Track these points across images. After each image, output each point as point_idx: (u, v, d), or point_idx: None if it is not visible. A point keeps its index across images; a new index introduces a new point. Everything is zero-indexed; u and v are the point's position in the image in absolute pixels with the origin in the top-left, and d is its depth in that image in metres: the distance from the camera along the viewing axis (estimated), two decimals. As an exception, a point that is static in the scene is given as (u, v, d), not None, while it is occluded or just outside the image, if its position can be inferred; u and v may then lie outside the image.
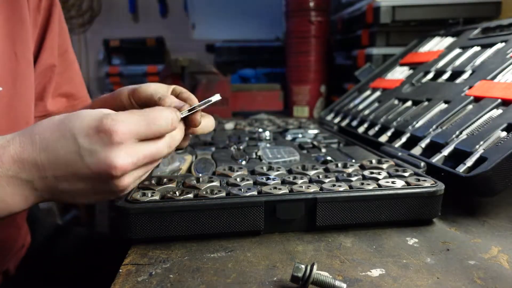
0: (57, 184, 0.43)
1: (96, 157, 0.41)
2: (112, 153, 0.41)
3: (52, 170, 0.42)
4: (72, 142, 0.42)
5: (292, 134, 0.95)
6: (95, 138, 0.41)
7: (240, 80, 1.95)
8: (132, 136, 0.42)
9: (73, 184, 0.43)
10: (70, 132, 0.42)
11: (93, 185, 0.43)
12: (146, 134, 0.43)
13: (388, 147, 0.75)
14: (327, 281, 0.38)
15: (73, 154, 0.42)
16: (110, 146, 0.41)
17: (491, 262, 0.44)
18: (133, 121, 0.43)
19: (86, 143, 0.42)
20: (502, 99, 0.66)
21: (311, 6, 1.45)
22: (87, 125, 0.42)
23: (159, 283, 0.40)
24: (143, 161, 0.44)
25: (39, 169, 0.42)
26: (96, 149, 0.41)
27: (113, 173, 0.42)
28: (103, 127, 0.41)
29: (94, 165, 0.41)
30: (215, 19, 2.58)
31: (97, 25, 2.54)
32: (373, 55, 1.26)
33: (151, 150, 0.44)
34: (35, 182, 0.43)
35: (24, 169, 0.42)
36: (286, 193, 0.51)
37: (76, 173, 0.42)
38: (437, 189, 0.52)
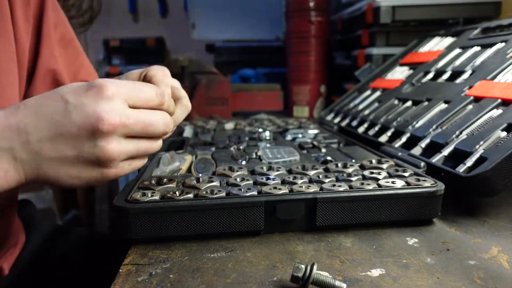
0: (41, 150, 0.41)
1: (84, 111, 0.40)
2: (100, 106, 0.40)
3: (37, 133, 0.40)
4: (59, 100, 0.41)
5: (292, 134, 0.95)
6: (84, 94, 0.41)
7: (240, 80, 1.95)
8: (120, 95, 0.41)
9: (58, 148, 0.41)
10: (58, 94, 0.41)
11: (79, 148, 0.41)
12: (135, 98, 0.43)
13: (388, 147, 0.75)
14: (327, 281, 0.38)
15: (59, 111, 0.40)
16: (100, 100, 0.40)
17: (491, 262, 0.44)
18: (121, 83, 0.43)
19: (74, 98, 0.40)
20: (502, 99, 0.66)
21: (311, 6, 1.45)
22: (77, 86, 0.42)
23: (159, 283, 0.40)
24: (135, 125, 0.42)
25: (21, 133, 0.40)
26: (84, 103, 0.40)
27: (100, 126, 0.40)
28: (94, 83, 0.41)
29: (80, 119, 0.40)
30: (215, 19, 2.58)
31: (97, 25, 2.54)
32: (373, 55, 1.26)
33: (144, 117, 0.43)
34: (16, 149, 0.40)
35: (3, 136, 0.40)
36: (286, 193, 0.51)
37: (62, 132, 0.40)
38: (437, 189, 0.52)
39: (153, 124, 0.44)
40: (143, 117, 0.43)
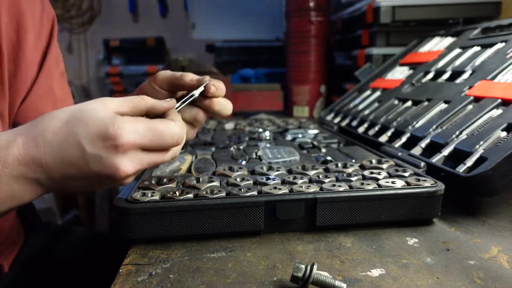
0: (64, 182, 0.45)
1: (101, 163, 0.43)
2: (117, 160, 0.43)
3: (58, 171, 0.44)
4: (76, 147, 0.43)
5: (292, 134, 0.95)
6: (101, 145, 0.43)
7: (240, 80, 1.95)
8: (136, 147, 0.44)
9: (79, 181, 0.45)
10: (74, 139, 0.44)
11: (98, 183, 0.46)
12: (150, 146, 0.46)
13: (388, 147, 0.75)
14: (327, 281, 0.38)
15: (78, 158, 0.43)
16: (115, 154, 0.43)
17: (491, 262, 0.44)
18: (138, 131, 0.44)
19: (91, 149, 0.43)
20: (502, 99, 0.66)
21: (311, 6, 1.45)
22: (92, 132, 0.43)
23: (159, 283, 0.40)
24: (146, 166, 0.47)
25: (44, 169, 0.44)
26: (101, 156, 0.43)
27: (117, 177, 0.44)
28: (109, 135, 0.43)
29: (99, 170, 0.44)
30: (215, 19, 2.58)
31: (97, 25, 2.55)
32: (373, 55, 1.26)
33: (155, 160, 0.47)
34: (42, 180, 0.45)
35: (30, 169, 0.44)
36: (286, 193, 0.51)
37: (82, 174, 0.44)
38: (437, 189, 0.52)
39: (163, 161, 0.48)
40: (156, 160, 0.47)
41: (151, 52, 2.33)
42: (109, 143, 0.43)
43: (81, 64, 2.66)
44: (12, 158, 0.43)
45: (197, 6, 2.59)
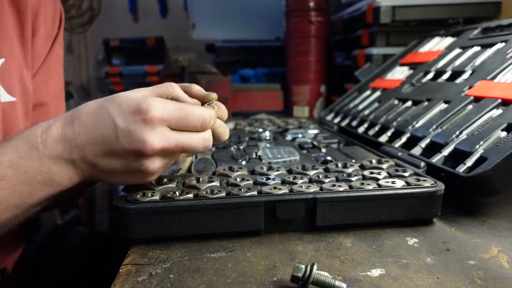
0: (96, 163, 0.48)
1: (131, 137, 0.45)
2: (146, 134, 0.45)
3: (91, 150, 0.47)
4: (109, 124, 0.46)
5: (292, 134, 0.95)
6: (131, 119, 0.45)
7: (240, 80, 1.95)
8: (164, 122, 0.46)
9: (110, 163, 0.47)
10: (108, 117, 0.46)
11: (127, 164, 0.47)
12: (177, 123, 0.47)
13: (388, 147, 0.75)
14: (327, 281, 0.38)
15: (110, 134, 0.46)
16: (145, 127, 0.45)
17: (491, 262, 0.44)
18: (167, 109, 0.46)
19: (123, 124, 0.46)
20: (502, 99, 0.66)
21: (311, 6, 1.45)
22: (125, 109, 0.46)
23: (159, 283, 0.40)
24: (175, 148, 0.47)
25: (79, 148, 0.47)
26: (131, 129, 0.45)
27: (145, 151, 0.45)
28: (140, 109, 0.45)
29: (128, 144, 0.46)
30: (215, 19, 2.57)
31: (97, 25, 2.55)
32: (373, 55, 1.26)
33: (184, 140, 0.48)
34: (76, 161, 0.48)
35: (66, 149, 0.47)
36: (286, 193, 0.51)
37: (112, 152, 0.47)
38: (437, 189, 0.52)
39: (193, 146, 0.49)
40: (184, 140, 0.48)
41: (151, 52, 2.33)
42: (139, 117, 0.45)
43: (81, 64, 2.66)
44: (51, 139, 0.47)
45: (197, 6, 2.59)
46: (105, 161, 0.48)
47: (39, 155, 0.47)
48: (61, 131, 0.48)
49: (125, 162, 0.47)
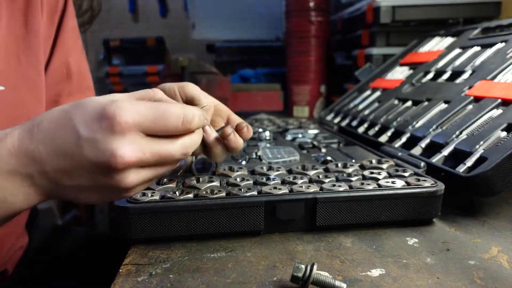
0: (58, 179, 0.40)
1: (96, 147, 0.38)
2: (113, 143, 0.38)
3: (52, 164, 0.39)
4: (71, 132, 0.39)
5: (292, 134, 0.95)
6: (96, 126, 0.38)
7: (240, 80, 1.95)
8: (136, 127, 0.38)
9: (74, 178, 0.40)
10: (70, 122, 0.39)
11: (95, 179, 0.40)
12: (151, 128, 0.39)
13: (388, 147, 0.75)
14: (327, 281, 0.38)
15: (72, 144, 0.39)
16: (112, 135, 0.38)
17: (491, 262, 0.44)
18: (139, 111, 0.39)
19: (86, 132, 0.38)
20: (502, 99, 0.66)
21: (311, 6, 1.45)
22: (89, 113, 0.39)
23: (159, 283, 0.40)
24: (151, 158, 0.40)
25: (38, 162, 0.39)
26: (96, 138, 0.38)
27: (113, 165, 0.38)
28: (106, 114, 0.38)
29: (93, 156, 0.38)
30: (215, 19, 2.57)
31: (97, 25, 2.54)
32: (373, 55, 1.25)
33: (161, 149, 0.40)
34: (35, 177, 0.40)
35: (22, 163, 0.39)
36: (286, 193, 0.51)
37: (76, 166, 0.39)
38: (437, 189, 0.52)
39: (172, 155, 0.41)
40: (160, 148, 0.40)
41: (151, 52, 2.33)
42: (105, 124, 0.37)
43: (81, 64, 2.66)
44: (5, 150, 0.39)
45: (197, 6, 2.59)
46: (69, 177, 0.40)
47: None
48: (17, 142, 0.40)
49: (91, 177, 0.40)
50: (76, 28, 0.76)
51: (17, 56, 0.63)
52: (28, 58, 0.64)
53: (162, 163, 0.42)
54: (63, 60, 0.72)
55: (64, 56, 0.72)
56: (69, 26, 0.73)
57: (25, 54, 0.63)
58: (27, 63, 0.64)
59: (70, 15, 0.73)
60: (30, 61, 0.65)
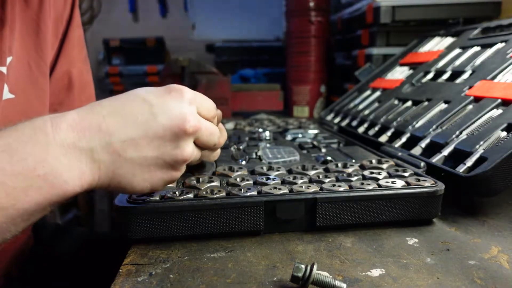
0: (123, 151, 0.40)
1: (171, 112, 0.42)
2: (185, 109, 0.42)
3: (120, 134, 0.40)
4: (142, 103, 0.42)
5: (292, 134, 0.95)
6: (168, 96, 0.43)
7: (240, 80, 1.95)
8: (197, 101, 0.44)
9: (141, 148, 0.41)
10: (137, 96, 0.42)
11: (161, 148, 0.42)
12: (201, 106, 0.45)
13: (388, 147, 0.75)
14: (327, 281, 0.38)
15: (145, 113, 0.41)
16: (183, 103, 0.43)
17: (491, 262, 0.44)
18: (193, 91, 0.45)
19: (159, 100, 0.42)
20: (502, 99, 0.66)
21: (311, 6, 1.45)
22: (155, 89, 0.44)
23: (159, 283, 0.40)
24: (204, 131, 0.45)
25: (103, 134, 0.40)
26: (170, 105, 0.42)
27: (187, 127, 0.42)
28: (174, 87, 0.44)
29: (168, 121, 0.41)
30: (215, 19, 2.58)
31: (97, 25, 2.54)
32: (373, 55, 1.26)
33: (210, 126, 0.46)
34: (96, 150, 0.39)
35: (84, 136, 0.39)
36: (286, 193, 0.51)
37: (147, 134, 0.41)
38: (437, 189, 0.52)
39: (214, 134, 0.47)
40: (209, 125, 0.46)
41: (151, 52, 2.33)
42: (175, 93, 0.43)
43: (81, 64, 2.66)
44: (65, 124, 0.39)
45: (197, 6, 2.59)
46: (135, 147, 0.41)
47: (46, 140, 0.37)
48: (78, 117, 0.40)
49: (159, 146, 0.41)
50: (82, 38, 0.77)
51: (28, 64, 0.63)
52: (39, 65, 0.65)
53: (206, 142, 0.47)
54: (65, 70, 0.73)
55: (67, 66, 0.72)
56: (75, 37, 0.73)
57: (35, 62, 0.64)
58: (38, 71, 0.65)
59: (76, 25, 0.74)
60: (40, 69, 0.65)
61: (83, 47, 0.78)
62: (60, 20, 0.70)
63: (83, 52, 0.77)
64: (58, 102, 0.73)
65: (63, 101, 0.74)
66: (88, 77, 0.80)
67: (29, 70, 0.63)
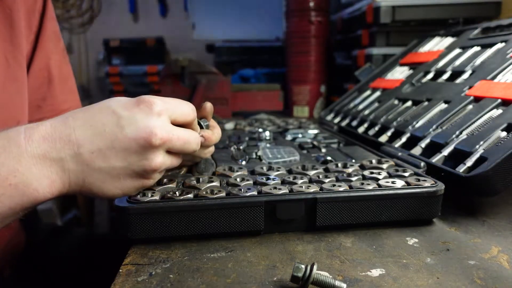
0: (92, 161, 0.42)
1: (137, 125, 0.42)
2: (152, 122, 0.43)
3: (88, 145, 0.42)
4: (111, 114, 0.43)
5: (292, 134, 0.95)
6: (135, 109, 0.43)
7: (240, 80, 1.95)
8: (166, 112, 0.44)
9: (109, 159, 0.43)
10: (108, 108, 0.43)
11: (128, 159, 0.43)
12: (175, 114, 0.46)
13: (388, 147, 0.75)
14: (327, 281, 0.38)
15: (112, 125, 0.42)
16: (151, 115, 0.43)
17: (491, 262, 0.44)
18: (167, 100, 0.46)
19: (126, 113, 0.43)
20: (502, 99, 0.66)
21: (311, 6, 1.45)
22: (125, 100, 0.44)
23: (159, 283, 0.40)
24: (177, 142, 0.45)
25: (72, 144, 0.42)
26: (137, 118, 0.42)
27: (153, 140, 0.42)
28: (143, 99, 0.44)
29: (133, 133, 0.42)
30: (215, 19, 2.58)
31: (97, 25, 2.54)
32: (373, 55, 1.26)
33: (184, 135, 0.46)
34: (66, 160, 0.42)
35: (55, 147, 0.41)
36: (286, 193, 0.51)
37: (114, 145, 0.42)
38: (437, 189, 0.52)
39: (190, 142, 0.47)
40: (183, 134, 0.46)
41: (151, 52, 2.33)
42: (143, 106, 0.43)
43: (81, 64, 2.66)
44: (37, 135, 0.41)
45: (197, 6, 2.59)
46: (103, 157, 0.42)
47: (18, 151, 0.40)
48: (50, 128, 0.42)
49: (125, 157, 0.43)
50: (57, 31, 0.76)
51: (5, 56, 0.63)
52: (16, 58, 0.64)
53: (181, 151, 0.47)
54: (44, 64, 0.72)
55: (44, 59, 0.72)
56: (49, 30, 0.72)
57: (12, 55, 0.64)
58: (15, 64, 0.64)
59: (50, 18, 0.73)
60: (18, 62, 0.64)
61: (59, 39, 0.77)
62: (32, 12, 0.69)
63: (59, 44, 0.76)
64: (40, 98, 0.72)
65: (45, 96, 0.73)
66: (67, 70, 0.79)
67: (6, 64, 0.62)
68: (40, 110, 0.73)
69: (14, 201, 0.40)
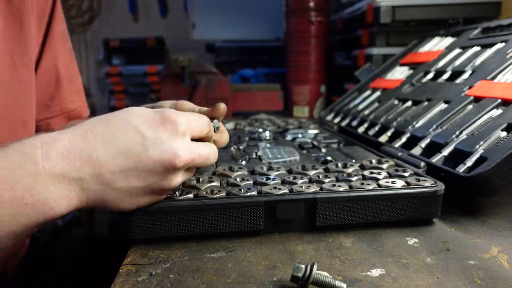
0: (112, 181, 0.41)
1: (162, 147, 0.41)
2: (177, 143, 0.42)
3: (110, 165, 0.40)
4: (134, 134, 0.41)
5: (292, 134, 0.95)
6: (160, 128, 0.42)
7: (240, 80, 1.95)
8: (190, 130, 0.44)
9: (130, 179, 0.41)
10: (129, 124, 0.42)
11: (150, 179, 0.42)
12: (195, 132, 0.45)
13: (388, 147, 0.75)
14: (327, 281, 0.38)
15: (136, 146, 0.41)
16: (175, 136, 0.42)
17: (491, 262, 0.44)
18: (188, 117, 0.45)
19: (151, 133, 0.41)
20: (502, 99, 0.66)
21: (311, 6, 1.45)
22: (149, 117, 0.42)
23: (159, 283, 0.40)
24: (197, 160, 0.45)
25: (93, 165, 0.40)
26: (162, 139, 0.41)
27: (177, 163, 0.42)
28: (168, 118, 0.42)
29: (158, 155, 0.41)
30: (215, 19, 2.58)
31: (97, 25, 2.54)
32: (373, 55, 1.26)
33: (205, 151, 0.46)
34: (86, 180, 0.40)
35: (74, 165, 0.39)
36: (286, 193, 0.51)
37: (137, 166, 0.41)
38: (437, 189, 0.52)
39: (209, 158, 0.47)
40: (204, 151, 0.46)
41: (151, 52, 2.33)
42: (169, 126, 0.42)
43: (81, 64, 2.66)
44: (55, 152, 0.39)
45: (197, 6, 2.59)
46: (125, 178, 0.41)
47: (35, 169, 0.38)
48: (69, 145, 0.39)
49: (147, 177, 0.42)
50: (65, 32, 0.77)
51: (12, 58, 0.63)
52: (23, 60, 0.65)
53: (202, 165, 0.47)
54: (51, 64, 0.73)
55: (52, 59, 0.72)
56: (58, 30, 0.73)
57: (20, 56, 0.64)
58: (22, 65, 0.64)
59: (59, 19, 0.73)
60: (24, 63, 0.65)
61: (67, 39, 0.77)
62: (43, 14, 0.70)
63: (67, 45, 0.77)
64: (49, 97, 0.73)
65: (53, 96, 0.74)
66: (74, 69, 0.80)
67: (13, 65, 0.63)
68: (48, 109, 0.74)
69: (30, 219, 0.39)
